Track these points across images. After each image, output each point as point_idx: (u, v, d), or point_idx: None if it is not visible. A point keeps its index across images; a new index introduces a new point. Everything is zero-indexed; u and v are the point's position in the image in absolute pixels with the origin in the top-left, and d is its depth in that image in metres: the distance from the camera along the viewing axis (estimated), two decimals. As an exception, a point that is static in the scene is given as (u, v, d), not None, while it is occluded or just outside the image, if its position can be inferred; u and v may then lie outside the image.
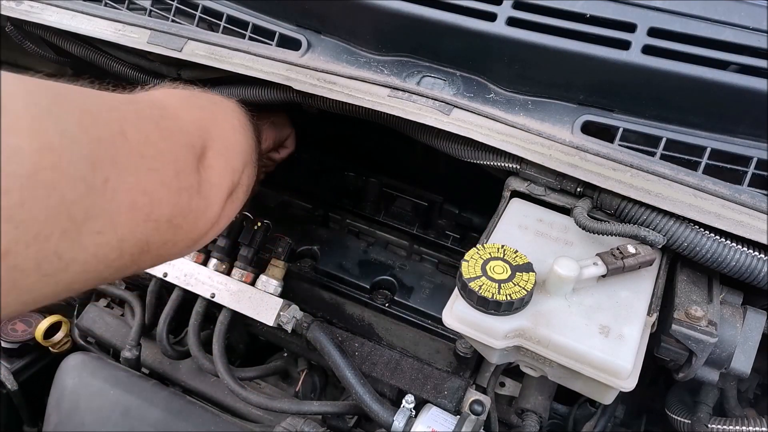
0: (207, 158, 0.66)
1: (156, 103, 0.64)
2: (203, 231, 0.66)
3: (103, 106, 0.52)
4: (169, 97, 0.69)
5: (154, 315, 1.08)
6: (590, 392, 0.74)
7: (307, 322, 0.92)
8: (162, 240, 0.57)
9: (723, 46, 0.69)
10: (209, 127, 0.69)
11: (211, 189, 0.65)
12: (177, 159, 0.59)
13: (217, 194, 0.67)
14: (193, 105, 0.71)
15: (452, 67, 0.83)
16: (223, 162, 0.69)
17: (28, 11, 0.98)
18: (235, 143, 0.74)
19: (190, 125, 0.65)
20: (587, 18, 0.73)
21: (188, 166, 0.61)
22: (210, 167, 0.66)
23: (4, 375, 1.18)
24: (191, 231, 0.63)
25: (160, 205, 0.55)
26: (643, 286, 0.71)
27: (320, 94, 0.83)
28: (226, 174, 0.69)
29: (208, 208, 0.65)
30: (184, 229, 0.61)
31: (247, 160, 0.77)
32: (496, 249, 0.70)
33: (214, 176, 0.66)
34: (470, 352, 0.90)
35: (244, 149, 0.76)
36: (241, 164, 0.75)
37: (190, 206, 0.61)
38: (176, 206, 0.58)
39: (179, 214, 0.59)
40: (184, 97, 0.72)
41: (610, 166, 0.72)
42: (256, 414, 1.02)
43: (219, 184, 0.67)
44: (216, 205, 0.67)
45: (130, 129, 0.53)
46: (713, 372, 0.74)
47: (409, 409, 0.83)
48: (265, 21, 0.91)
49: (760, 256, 0.68)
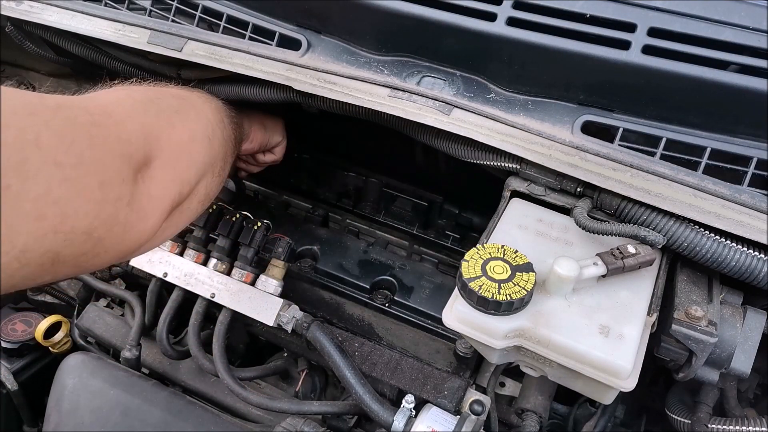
0: (150, 169, 0.64)
1: (98, 108, 0.61)
2: (135, 243, 0.64)
3: (22, 110, 0.50)
4: (123, 100, 0.67)
5: (154, 315, 1.08)
6: (590, 392, 0.74)
7: (307, 322, 0.92)
8: (79, 251, 0.55)
9: (723, 46, 0.69)
10: (160, 135, 0.67)
11: (149, 201, 0.63)
12: (104, 169, 0.56)
13: (156, 207, 0.64)
14: (147, 111, 0.68)
15: (452, 67, 0.83)
16: (170, 173, 0.67)
17: (28, 11, 0.98)
18: (191, 153, 0.72)
19: (133, 133, 0.62)
20: (587, 18, 0.73)
21: (118, 177, 0.58)
22: (152, 178, 0.64)
23: (4, 375, 1.18)
24: (118, 243, 0.60)
25: (74, 216, 0.53)
26: (643, 286, 0.71)
27: (320, 94, 0.83)
28: (171, 186, 0.67)
29: (141, 221, 0.62)
30: (108, 242, 0.58)
31: (206, 170, 0.75)
32: (496, 249, 0.70)
33: (154, 188, 0.64)
34: (470, 352, 0.90)
35: (202, 160, 0.74)
36: (197, 174, 0.72)
37: (116, 218, 0.58)
38: (97, 218, 0.55)
39: (101, 226, 0.56)
40: (140, 101, 0.69)
41: (610, 166, 0.72)
42: (256, 414, 1.02)
43: (160, 196, 0.65)
44: (153, 218, 0.64)
45: (46, 135, 0.50)
46: (713, 372, 0.74)
47: (409, 409, 0.83)
48: (265, 21, 0.91)
49: (760, 256, 0.68)
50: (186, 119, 0.74)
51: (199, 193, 0.75)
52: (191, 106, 0.78)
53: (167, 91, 0.78)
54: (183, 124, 0.72)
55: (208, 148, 0.76)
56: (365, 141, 1.16)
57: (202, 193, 0.76)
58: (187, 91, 0.82)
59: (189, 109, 0.76)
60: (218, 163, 0.79)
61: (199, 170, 0.73)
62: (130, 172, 0.60)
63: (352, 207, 1.24)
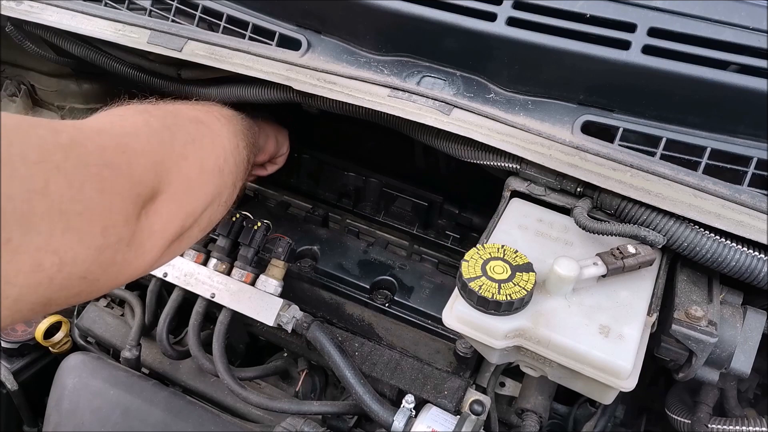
0: (156, 203, 0.63)
1: (112, 143, 0.58)
2: (130, 278, 0.62)
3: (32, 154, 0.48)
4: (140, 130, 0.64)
5: (154, 315, 1.08)
6: (590, 392, 0.74)
7: (307, 322, 0.92)
8: (72, 294, 0.54)
9: (723, 46, 0.69)
10: (171, 168, 0.65)
11: (150, 237, 0.62)
12: (110, 212, 0.55)
13: (156, 242, 0.63)
14: (162, 142, 0.66)
15: (452, 67, 0.83)
16: (175, 207, 0.66)
17: (28, 11, 0.98)
18: (200, 185, 0.70)
19: (145, 171, 0.61)
20: (587, 18, 0.73)
21: (122, 219, 0.56)
22: (155, 212, 0.62)
23: (4, 375, 1.18)
24: (112, 280, 0.59)
25: (72, 263, 0.51)
26: (643, 286, 0.71)
27: (320, 94, 0.83)
28: (175, 220, 0.66)
29: (139, 258, 0.61)
30: (103, 281, 0.57)
31: (213, 200, 0.73)
32: (496, 249, 0.70)
33: (157, 223, 0.63)
34: (470, 352, 0.90)
35: (210, 192, 0.72)
36: (203, 206, 0.71)
37: (113, 260, 0.56)
38: (95, 263, 0.54)
39: (97, 269, 0.54)
40: (156, 131, 0.66)
41: (610, 166, 0.72)
42: (256, 414, 1.02)
43: (162, 230, 0.64)
44: (152, 254, 0.63)
45: (56, 181, 0.48)
46: (713, 372, 0.74)
47: (409, 409, 0.83)
48: (265, 21, 0.91)
49: (760, 256, 0.68)
50: (200, 149, 0.72)
51: (202, 222, 0.73)
52: (208, 133, 0.75)
53: (186, 113, 0.75)
54: (196, 155, 0.70)
55: (217, 180, 0.74)
56: (365, 141, 1.17)
57: (205, 222, 0.74)
58: (207, 112, 0.79)
59: (204, 136, 0.74)
60: (226, 191, 0.77)
61: (206, 201, 0.72)
62: (136, 210, 0.59)
63: (352, 207, 1.24)
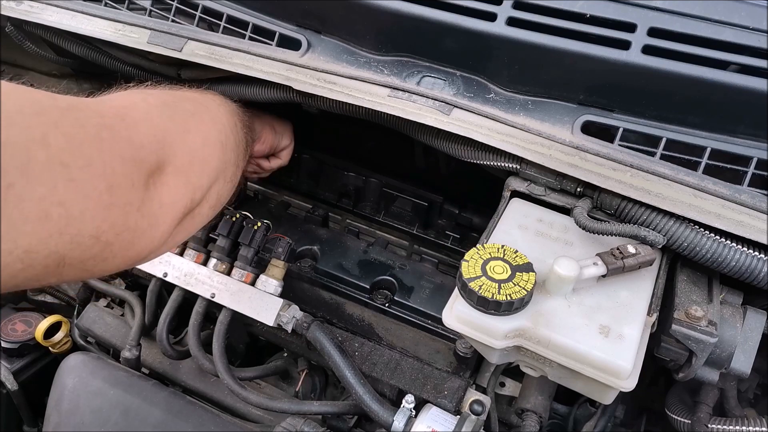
0: (163, 174, 0.63)
1: (111, 111, 0.60)
2: (145, 250, 0.63)
3: (29, 108, 0.49)
4: (138, 104, 0.65)
5: (154, 315, 1.08)
6: (590, 392, 0.74)
7: (307, 322, 0.92)
8: (86, 255, 0.54)
9: (723, 46, 0.69)
10: (174, 141, 0.66)
11: (161, 208, 0.62)
12: (113, 172, 0.55)
13: (167, 213, 0.63)
14: (162, 114, 0.67)
15: (452, 67, 0.83)
16: (183, 179, 0.66)
17: (28, 11, 0.98)
18: (205, 158, 0.71)
19: (146, 138, 0.61)
20: (587, 18, 0.73)
21: (127, 182, 0.57)
22: (164, 184, 0.63)
23: (4, 375, 1.18)
24: (127, 249, 0.59)
25: (81, 218, 0.51)
26: (643, 286, 0.71)
27: (320, 94, 0.83)
28: (184, 192, 0.66)
29: (152, 227, 0.61)
30: (117, 247, 0.57)
31: (218, 175, 0.74)
32: (496, 249, 0.70)
33: (166, 194, 0.63)
34: (470, 352, 0.90)
35: (215, 166, 0.73)
36: (209, 180, 0.72)
37: (126, 224, 0.57)
38: (105, 222, 0.54)
39: (109, 230, 0.55)
40: (155, 105, 0.67)
41: (610, 166, 0.72)
42: (256, 414, 1.02)
43: (172, 202, 0.64)
44: (164, 225, 0.63)
45: (55, 135, 0.50)
46: (713, 372, 0.74)
47: (409, 409, 0.83)
48: (265, 21, 0.91)
49: (760, 256, 0.68)
50: (201, 123, 0.73)
51: (211, 198, 0.74)
52: (206, 110, 0.77)
53: (182, 94, 0.77)
54: (198, 128, 0.72)
55: (221, 154, 0.75)
56: (365, 141, 1.17)
57: (213, 198, 0.75)
58: (202, 94, 0.81)
59: (204, 112, 0.76)
60: (230, 168, 0.78)
61: (211, 176, 0.72)
62: (141, 177, 0.59)
63: (352, 207, 1.24)
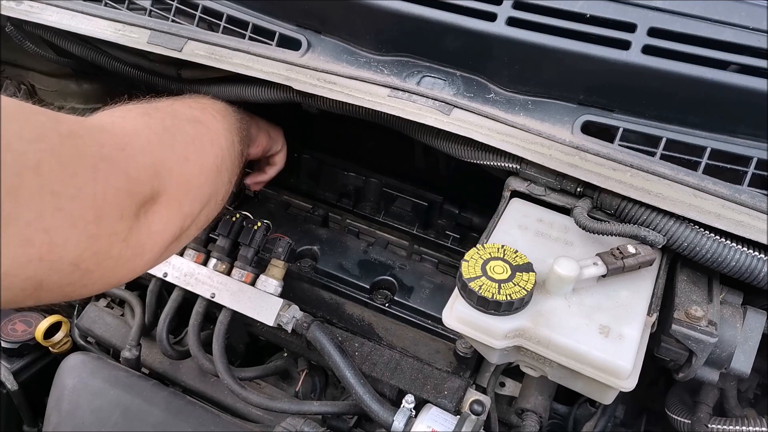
0: (156, 204, 0.63)
1: (112, 140, 0.59)
2: (127, 277, 0.63)
3: (29, 133, 0.49)
4: (140, 132, 0.65)
5: (154, 315, 1.08)
6: (590, 392, 0.74)
7: (307, 322, 0.92)
8: (64, 281, 0.54)
9: (723, 46, 0.69)
10: (172, 170, 0.66)
11: (149, 237, 0.62)
12: (103, 203, 0.55)
13: (155, 243, 0.64)
14: (163, 143, 0.67)
15: (452, 67, 0.83)
16: (176, 208, 0.66)
17: (28, 11, 0.98)
18: (199, 187, 0.71)
19: (143, 170, 0.61)
20: (587, 18, 0.73)
21: (117, 213, 0.57)
22: (156, 213, 0.63)
23: (4, 375, 1.18)
24: (108, 277, 0.59)
25: (63, 246, 0.52)
26: (643, 286, 0.71)
27: (320, 94, 0.83)
28: (174, 221, 0.67)
29: (136, 257, 0.61)
30: (97, 275, 0.57)
31: (210, 199, 0.74)
32: (496, 249, 0.70)
33: (157, 223, 0.63)
34: (470, 352, 0.90)
35: (208, 192, 0.73)
36: (200, 205, 0.72)
37: (109, 253, 0.57)
38: (87, 251, 0.54)
39: (90, 258, 0.55)
40: (156, 134, 0.67)
41: (610, 166, 0.72)
42: (256, 414, 1.02)
43: (162, 231, 0.64)
44: (150, 253, 0.64)
45: (49, 164, 0.50)
46: (713, 372, 0.74)
47: (409, 409, 0.83)
48: (265, 21, 0.91)
49: (760, 256, 0.68)
50: (200, 150, 0.73)
51: (200, 221, 0.74)
52: (206, 132, 0.76)
53: (184, 113, 0.76)
54: (197, 157, 0.72)
55: (216, 179, 0.75)
56: (365, 141, 1.16)
57: (202, 220, 0.75)
58: (203, 110, 0.80)
59: (203, 136, 0.75)
60: (223, 189, 0.78)
61: (203, 201, 0.73)
62: (132, 207, 0.59)
63: (352, 207, 1.24)
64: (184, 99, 0.82)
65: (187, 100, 0.82)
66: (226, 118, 0.83)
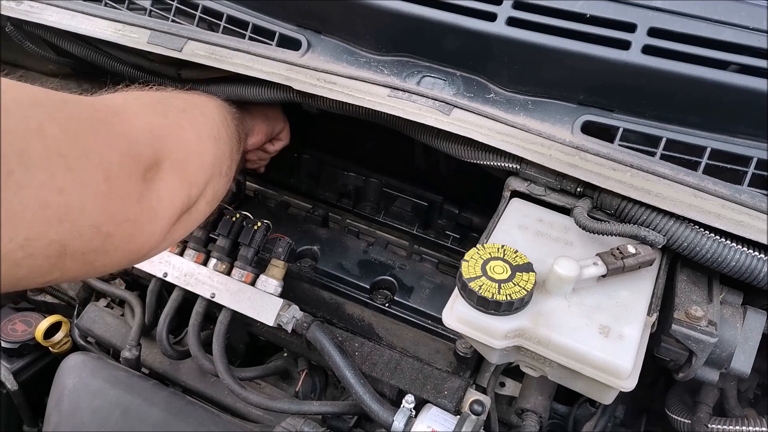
0: (160, 170, 0.63)
1: (105, 106, 0.60)
2: (146, 244, 0.62)
3: (27, 101, 0.50)
4: (130, 102, 0.66)
5: (154, 315, 1.08)
6: (590, 392, 0.74)
7: (307, 322, 0.92)
8: (87, 247, 0.54)
9: (723, 46, 0.69)
10: (168, 136, 0.66)
11: (159, 203, 0.62)
12: (109, 164, 0.55)
13: (166, 208, 0.63)
14: (155, 111, 0.67)
15: (452, 67, 0.83)
16: (180, 175, 0.66)
17: (28, 11, 0.98)
18: (199, 155, 0.71)
19: (141, 132, 0.62)
20: (587, 18, 0.73)
21: (124, 173, 0.57)
22: (161, 179, 0.63)
23: (4, 375, 1.18)
24: (128, 242, 0.59)
25: (80, 207, 0.51)
26: (643, 286, 0.71)
27: (320, 94, 0.83)
28: (181, 188, 0.66)
29: (152, 221, 0.61)
30: (118, 239, 0.57)
31: (214, 172, 0.74)
32: (496, 249, 0.70)
33: (164, 189, 0.63)
34: (470, 352, 0.90)
35: (210, 161, 0.73)
36: (204, 177, 0.72)
37: (125, 215, 0.57)
38: (104, 211, 0.54)
39: (109, 220, 0.55)
40: (147, 103, 0.68)
41: (610, 166, 0.72)
42: (256, 414, 1.02)
43: (170, 197, 0.64)
44: (163, 220, 0.63)
45: (51, 126, 0.50)
46: (713, 372, 0.74)
47: (409, 409, 0.83)
48: (265, 21, 0.91)
49: (760, 256, 0.68)
50: (193, 119, 0.74)
51: (207, 194, 0.74)
52: (195, 105, 0.78)
53: (171, 93, 0.78)
54: (190, 124, 0.72)
55: (215, 148, 0.75)
56: (365, 141, 1.17)
57: (210, 194, 0.75)
58: (189, 93, 0.83)
59: (194, 108, 0.76)
60: (225, 162, 0.79)
61: (207, 171, 0.73)
62: (138, 170, 0.59)
63: (352, 207, 1.24)
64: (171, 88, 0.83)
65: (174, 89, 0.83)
66: (214, 98, 0.85)
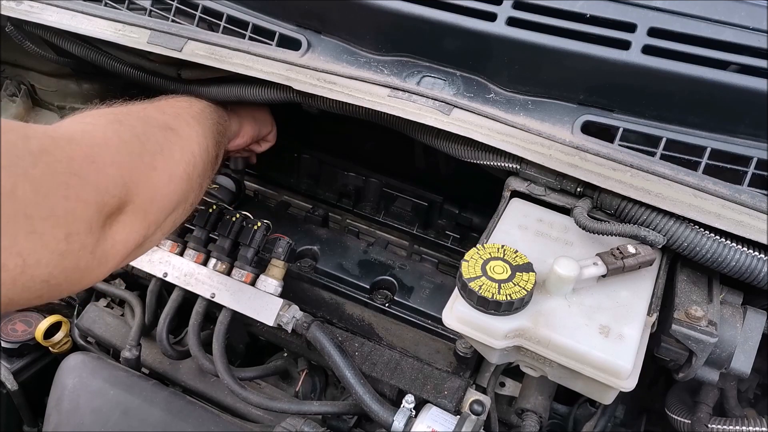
0: (122, 213, 0.63)
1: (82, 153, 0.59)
2: (88, 284, 0.63)
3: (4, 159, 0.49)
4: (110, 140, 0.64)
5: (154, 315, 1.08)
6: (590, 392, 0.74)
7: (307, 322, 0.92)
8: (33, 296, 0.55)
9: (723, 46, 0.69)
10: (140, 180, 0.65)
11: (113, 247, 0.62)
12: (74, 219, 0.55)
13: (118, 252, 0.63)
14: (131, 152, 0.66)
15: (452, 67, 0.83)
16: (141, 218, 0.66)
17: (28, 11, 0.98)
18: (166, 195, 0.71)
19: (112, 181, 0.61)
20: (587, 18, 0.73)
21: (86, 227, 0.57)
22: (120, 223, 0.63)
23: (4, 375, 1.18)
24: (72, 286, 0.60)
25: (35, 266, 0.52)
26: (643, 286, 0.71)
27: (320, 94, 0.83)
28: (139, 230, 0.66)
29: (101, 266, 0.61)
30: (64, 286, 0.58)
31: (177, 206, 0.74)
32: (496, 249, 0.70)
33: (121, 233, 0.63)
34: (470, 352, 0.90)
35: (176, 199, 0.73)
36: (166, 213, 0.71)
37: (76, 266, 0.57)
38: (57, 268, 0.55)
39: (60, 275, 0.55)
40: (127, 141, 0.66)
41: (610, 166, 0.72)
42: (256, 414, 1.02)
43: (124, 240, 0.64)
44: (113, 261, 0.63)
45: (23, 186, 0.50)
46: (713, 372, 0.74)
47: (409, 409, 0.83)
48: (265, 21, 0.91)
49: (760, 256, 0.68)
50: (169, 159, 0.72)
51: (166, 226, 0.74)
52: (177, 140, 0.75)
53: (156, 120, 0.76)
54: (165, 165, 0.71)
55: (185, 186, 0.74)
56: (365, 141, 1.17)
57: (168, 226, 0.75)
58: (176, 116, 0.79)
59: (174, 144, 0.74)
60: (192, 195, 0.78)
61: (171, 208, 0.72)
62: (100, 219, 0.59)
63: (352, 207, 1.24)
64: (159, 102, 0.81)
65: (161, 104, 0.81)
66: (200, 123, 0.82)
